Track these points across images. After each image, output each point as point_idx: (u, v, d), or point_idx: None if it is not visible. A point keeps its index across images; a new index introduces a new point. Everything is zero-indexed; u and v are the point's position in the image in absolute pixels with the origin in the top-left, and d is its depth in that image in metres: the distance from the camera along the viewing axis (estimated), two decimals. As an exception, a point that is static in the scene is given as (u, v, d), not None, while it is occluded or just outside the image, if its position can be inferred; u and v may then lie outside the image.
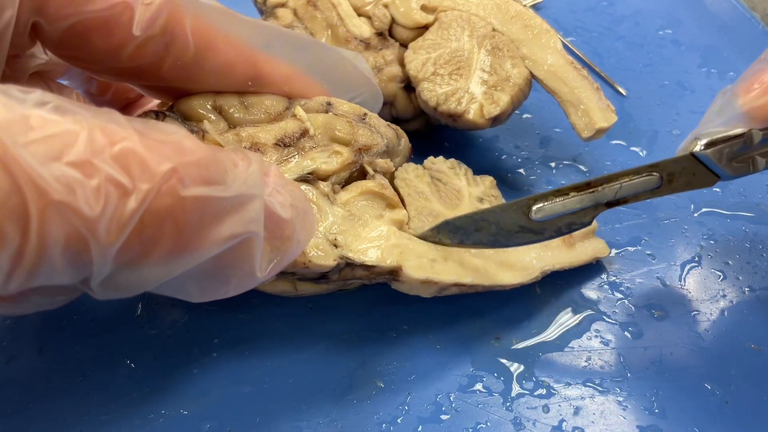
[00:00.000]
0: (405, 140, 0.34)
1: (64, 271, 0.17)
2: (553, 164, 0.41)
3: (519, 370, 0.32)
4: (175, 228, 0.19)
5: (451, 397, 0.31)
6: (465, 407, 0.31)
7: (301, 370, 0.32)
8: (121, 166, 0.17)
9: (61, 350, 0.32)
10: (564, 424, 0.30)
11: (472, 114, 0.36)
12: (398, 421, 0.30)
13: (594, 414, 0.30)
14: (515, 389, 0.31)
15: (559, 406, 0.31)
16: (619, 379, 0.32)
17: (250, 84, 0.29)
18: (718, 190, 0.40)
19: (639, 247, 0.37)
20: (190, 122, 0.29)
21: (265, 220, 0.22)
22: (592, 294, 0.35)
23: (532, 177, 0.41)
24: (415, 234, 0.30)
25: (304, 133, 0.30)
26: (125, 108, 0.36)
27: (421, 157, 0.35)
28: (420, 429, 0.30)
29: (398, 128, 0.33)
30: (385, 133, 0.32)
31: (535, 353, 0.33)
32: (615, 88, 0.47)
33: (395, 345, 0.33)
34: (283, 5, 0.40)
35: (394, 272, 0.29)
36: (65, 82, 0.32)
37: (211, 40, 0.27)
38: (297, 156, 0.29)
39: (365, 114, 0.32)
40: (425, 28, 0.39)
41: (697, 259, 0.37)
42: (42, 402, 0.31)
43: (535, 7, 0.53)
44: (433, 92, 0.36)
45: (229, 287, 0.22)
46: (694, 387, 0.31)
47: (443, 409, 0.31)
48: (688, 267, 0.36)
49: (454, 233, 0.29)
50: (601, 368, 0.32)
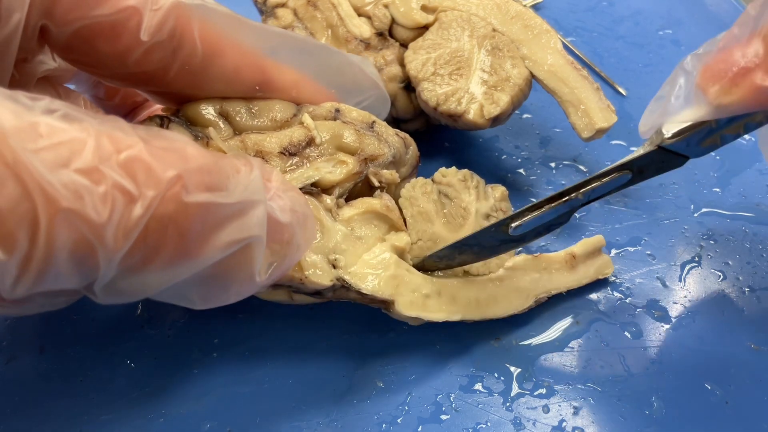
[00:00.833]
0: (413, 148, 0.33)
1: (70, 276, 0.17)
2: (553, 164, 0.41)
3: (519, 371, 0.32)
4: (178, 233, 0.19)
5: (451, 397, 0.31)
6: (465, 407, 0.31)
7: (301, 370, 0.32)
8: (127, 173, 0.17)
9: (61, 350, 0.32)
10: (564, 424, 0.30)
11: (472, 114, 0.36)
12: (398, 421, 0.30)
13: (594, 414, 0.30)
14: (515, 389, 0.31)
15: (559, 406, 0.31)
16: (619, 380, 0.32)
17: (257, 89, 0.29)
18: (717, 190, 0.40)
19: (639, 248, 0.37)
20: (195, 127, 0.29)
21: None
22: (592, 294, 0.35)
23: (532, 177, 0.41)
24: (411, 263, 0.31)
25: (311, 141, 0.29)
26: (132, 112, 0.36)
27: (421, 157, 0.34)
28: (420, 429, 0.30)
29: (407, 136, 0.33)
30: (392, 142, 0.31)
31: (535, 353, 0.33)
32: (615, 88, 0.47)
33: (395, 345, 0.33)
34: (283, 5, 0.40)
35: (386, 303, 0.30)
36: (73, 87, 0.32)
37: (219, 46, 0.26)
38: (302, 165, 0.29)
39: (374, 122, 0.31)
40: (425, 28, 0.39)
41: (697, 259, 0.37)
42: (42, 402, 0.31)
43: (535, 7, 0.53)
44: (433, 92, 0.36)
45: (229, 293, 0.22)
46: (694, 387, 0.31)
47: (443, 409, 0.31)
48: (688, 267, 0.36)
49: (439, 260, 0.31)
50: (601, 368, 0.32)
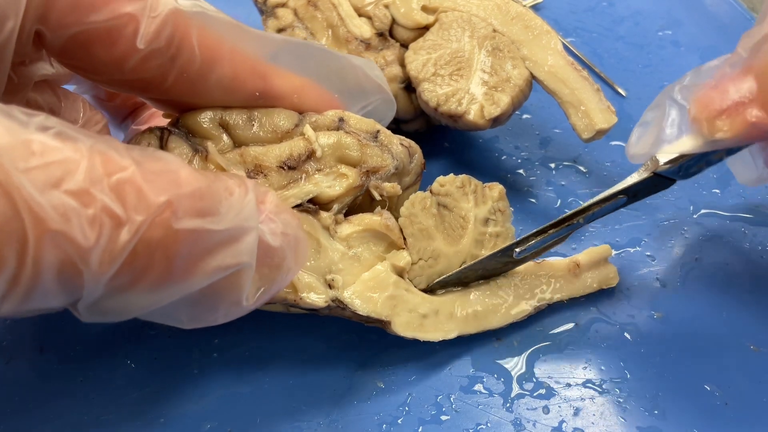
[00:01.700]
0: (418, 156, 0.32)
1: (56, 295, 0.18)
2: (552, 165, 0.41)
3: (519, 371, 0.32)
4: (165, 258, 0.19)
5: (452, 398, 0.31)
6: (465, 408, 0.31)
7: (301, 370, 0.32)
8: (117, 196, 0.18)
9: (61, 350, 0.32)
10: (564, 425, 0.30)
11: (472, 115, 0.36)
12: (399, 421, 0.30)
13: (594, 415, 0.30)
14: (515, 390, 0.31)
15: (559, 407, 0.31)
16: (619, 380, 0.32)
17: (258, 95, 0.28)
18: (717, 191, 0.40)
19: (639, 248, 0.37)
20: (195, 138, 0.28)
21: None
22: (591, 296, 0.35)
23: (531, 178, 0.41)
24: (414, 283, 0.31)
25: (311, 154, 0.29)
26: (134, 113, 0.35)
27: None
28: (420, 430, 0.30)
29: (412, 144, 0.32)
30: (396, 153, 0.30)
31: (535, 354, 0.33)
32: (614, 89, 0.47)
33: (395, 346, 0.33)
34: (283, 5, 0.40)
35: (383, 323, 0.30)
36: (72, 88, 0.32)
37: (218, 53, 0.26)
38: (301, 179, 0.29)
39: (378, 131, 0.31)
40: (426, 28, 0.39)
41: (696, 260, 0.37)
42: (42, 402, 0.31)
43: (535, 8, 0.53)
44: (434, 93, 0.36)
45: (217, 315, 0.22)
46: (694, 387, 0.31)
47: (443, 409, 0.31)
48: (687, 268, 0.36)
49: (445, 285, 0.32)
50: (601, 369, 0.32)
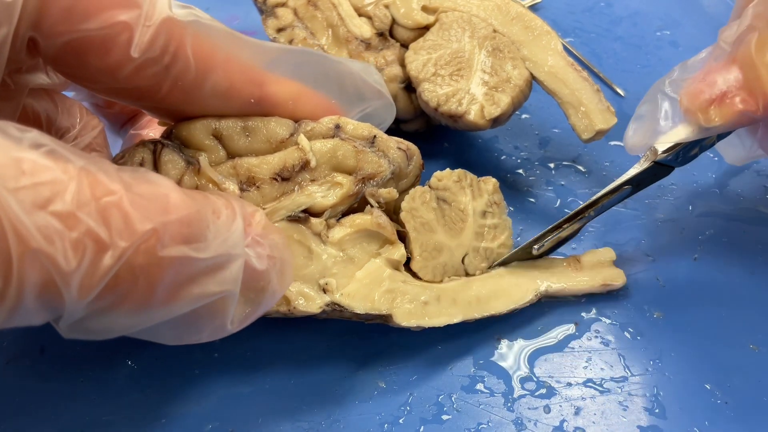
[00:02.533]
0: (416, 158, 0.32)
1: (38, 312, 0.18)
2: (552, 165, 0.41)
3: (520, 371, 0.32)
4: (148, 284, 0.19)
5: (453, 398, 0.31)
6: (466, 407, 0.31)
7: (302, 370, 0.32)
8: (103, 220, 0.18)
9: (61, 350, 0.32)
10: (565, 424, 0.30)
11: (472, 115, 0.36)
12: (400, 421, 0.30)
13: (595, 414, 0.31)
14: (516, 390, 0.31)
15: (560, 406, 0.31)
16: (620, 380, 0.32)
17: (253, 102, 0.28)
18: (716, 191, 0.40)
19: (638, 248, 0.37)
20: (189, 150, 0.28)
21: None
22: (592, 295, 0.35)
23: (531, 177, 0.41)
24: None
25: (306, 164, 0.28)
26: (132, 119, 0.35)
27: (421, 157, 0.34)
28: (422, 429, 0.30)
29: (410, 147, 0.31)
30: (393, 158, 0.30)
31: (536, 354, 0.33)
32: (613, 89, 0.47)
33: (397, 345, 0.33)
34: (283, 5, 0.40)
35: (384, 318, 0.30)
36: (71, 95, 0.32)
37: (213, 62, 0.26)
38: (294, 190, 0.28)
39: (375, 137, 0.30)
40: (426, 28, 0.39)
41: (695, 259, 0.37)
42: (42, 402, 0.30)
43: (534, 8, 0.53)
44: (434, 93, 0.36)
45: (201, 336, 0.22)
46: (694, 387, 0.31)
47: (445, 409, 0.31)
48: (687, 268, 0.36)
49: None
50: (602, 369, 0.32)
